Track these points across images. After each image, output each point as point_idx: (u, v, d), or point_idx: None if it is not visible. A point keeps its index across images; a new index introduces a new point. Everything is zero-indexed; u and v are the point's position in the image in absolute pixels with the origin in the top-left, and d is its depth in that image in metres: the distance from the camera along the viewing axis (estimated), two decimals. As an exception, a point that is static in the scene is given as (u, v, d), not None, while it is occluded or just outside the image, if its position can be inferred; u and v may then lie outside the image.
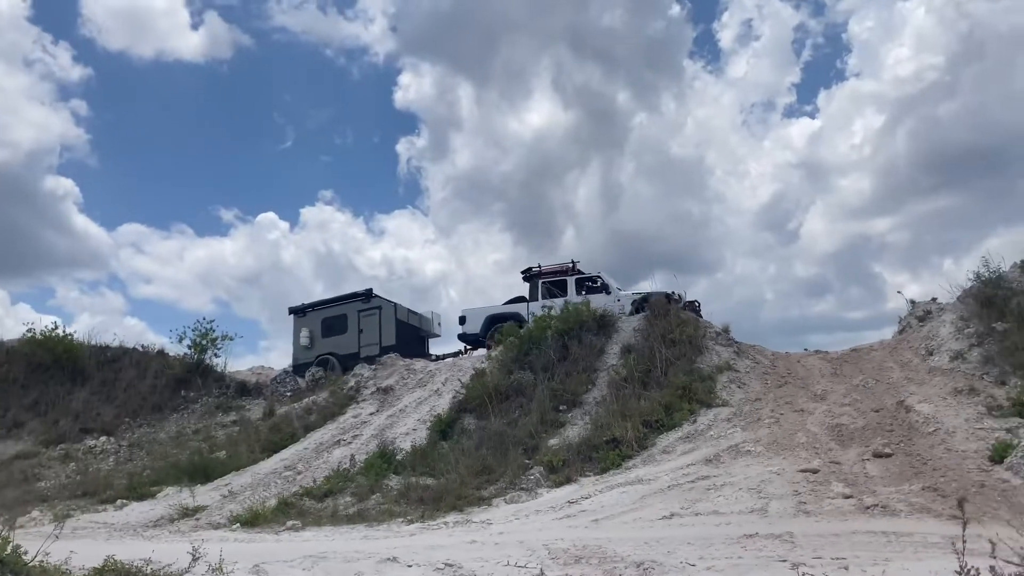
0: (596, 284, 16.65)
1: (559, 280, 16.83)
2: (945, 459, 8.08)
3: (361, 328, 18.10)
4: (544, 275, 17.04)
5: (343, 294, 19.13)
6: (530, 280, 17.18)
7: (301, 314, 18.91)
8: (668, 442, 10.60)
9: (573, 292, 16.38)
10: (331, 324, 18.46)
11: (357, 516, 9.43)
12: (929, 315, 13.99)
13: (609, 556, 5.71)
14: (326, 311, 18.75)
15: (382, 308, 18.20)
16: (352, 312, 18.34)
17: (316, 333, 18.44)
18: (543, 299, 16.33)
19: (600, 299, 15.74)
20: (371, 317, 18.11)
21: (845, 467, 8.25)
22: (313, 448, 13.05)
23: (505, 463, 10.71)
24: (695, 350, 13.40)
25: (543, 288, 16.74)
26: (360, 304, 18.32)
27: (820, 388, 11.88)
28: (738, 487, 7.72)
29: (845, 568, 4.60)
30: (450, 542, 7.04)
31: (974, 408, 9.46)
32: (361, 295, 18.46)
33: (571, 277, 16.80)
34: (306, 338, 18.39)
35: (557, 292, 16.48)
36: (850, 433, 9.50)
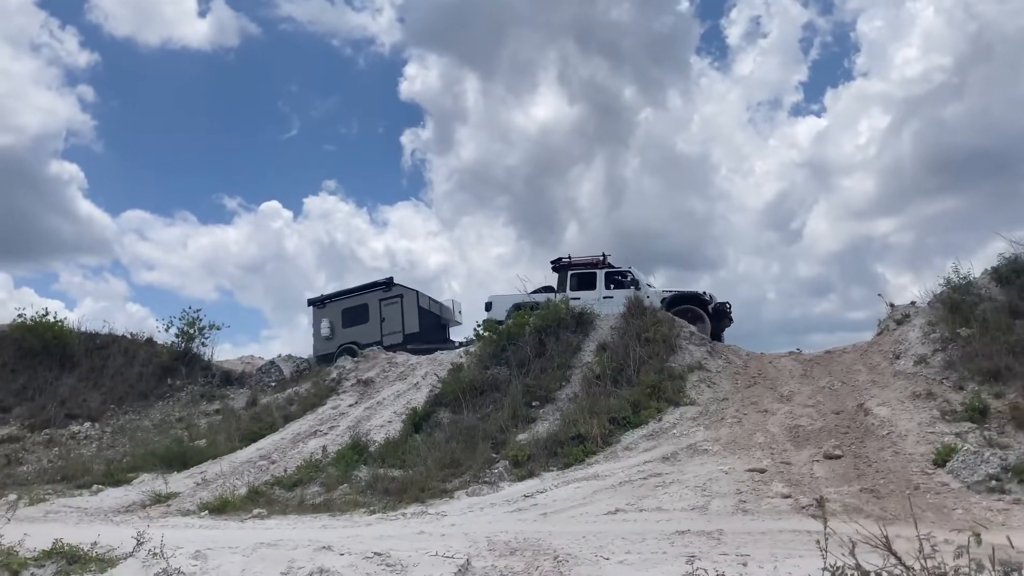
0: (626, 279, 16.42)
1: (588, 273, 16.61)
2: (891, 462, 8.27)
3: (383, 317, 18.11)
4: (574, 266, 16.79)
5: (363, 284, 19.10)
6: (559, 271, 16.95)
7: (320, 305, 18.95)
8: (632, 439, 10.80)
9: (602, 286, 16.26)
10: (352, 314, 18.45)
11: (323, 506, 9.67)
12: (907, 318, 14.11)
13: (543, 549, 5.92)
14: (346, 301, 18.76)
15: (403, 296, 18.19)
16: (373, 301, 18.33)
17: (336, 323, 18.44)
18: (571, 291, 16.18)
19: (628, 295, 15.53)
20: (393, 305, 18.11)
21: (794, 467, 8.44)
22: (290, 438, 13.29)
23: (473, 457, 10.92)
24: (668, 349, 13.57)
25: (572, 279, 16.54)
26: (381, 293, 18.31)
27: (787, 389, 12.06)
28: (685, 485, 7.93)
29: (744, 564, 4.80)
30: (400, 532, 7.27)
31: (928, 412, 9.64)
32: (382, 284, 18.45)
33: (601, 270, 16.58)
34: (327, 329, 18.41)
35: (586, 285, 16.32)
36: (807, 434, 9.69)
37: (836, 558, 3.64)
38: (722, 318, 16.03)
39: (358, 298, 18.62)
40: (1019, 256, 12.44)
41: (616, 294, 15.86)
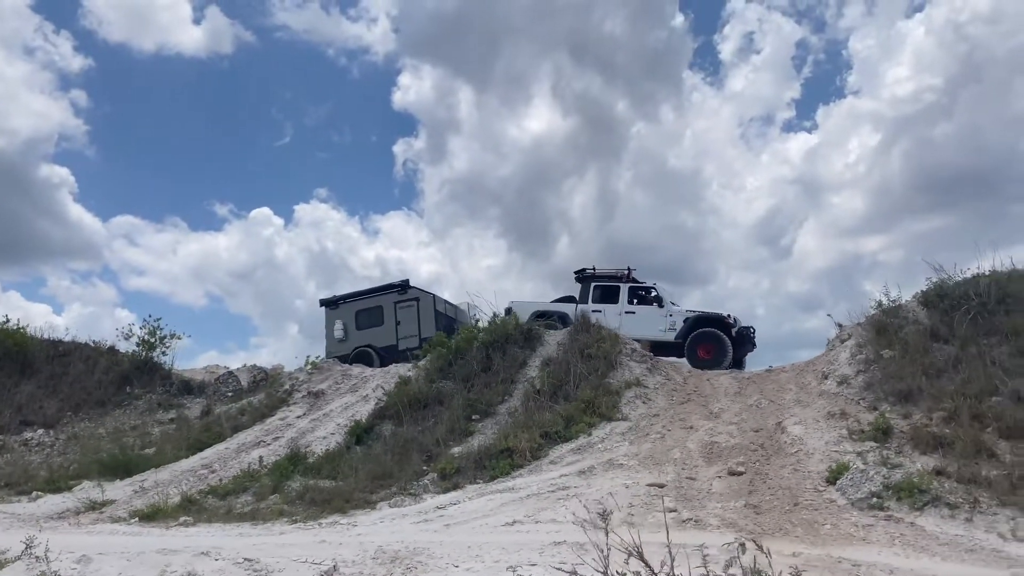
0: (649, 295, 16.35)
1: (612, 286, 16.49)
2: (788, 479, 8.59)
3: (398, 320, 17.92)
4: (598, 278, 16.70)
5: (377, 286, 18.96)
6: (583, 281, 16.83)
7: (333, 306, 18.71)
8: (559, 454, 11.09)
9: (625, 300, 16.17)
10: (366, 316, 18.28)
11: (248, 515, 9.91)
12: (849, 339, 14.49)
13: (421, 558, 6.21)
14: (360, 303, 18.57)
15: (420, 299, 18.02)
16: (388, 304, 18.16)
17: (350, 325, 18.25)
18: (593, 302, 16.17)
19: (651, 311, 15.73)
20: (408, 309, 17.95)
21: (696, 483, 8.75)
22: (235, 448, 13.53)
23: (404, 469, 11.20)
24: (608, 365, 13.90)
25: (595, 292, 16.45)
26: (396, 296, 18.16)
27: (718, 407, 12.39)
28: (585, 498, 8.21)
29: (573, 572, 5.08)
30: (303, 540, 7.53)
31: (838, 432, 9.96)
32: (397, 286, 18.27)
33: (625, 284, 16.44)
34: (340, 331, 18.22)
35: (609, 298, 16.26)
36: (720, 451, 10.00)
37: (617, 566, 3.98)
38: (745, 343, 15.85)
39: (373, 300, 18.42)
40: (944, 281, 12.81)
41: (639, 310, 15.89)
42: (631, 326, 15.57)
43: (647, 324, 15.73)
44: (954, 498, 7.53)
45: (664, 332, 15.61)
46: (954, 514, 7.30)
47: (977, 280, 12.35)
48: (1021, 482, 7.81)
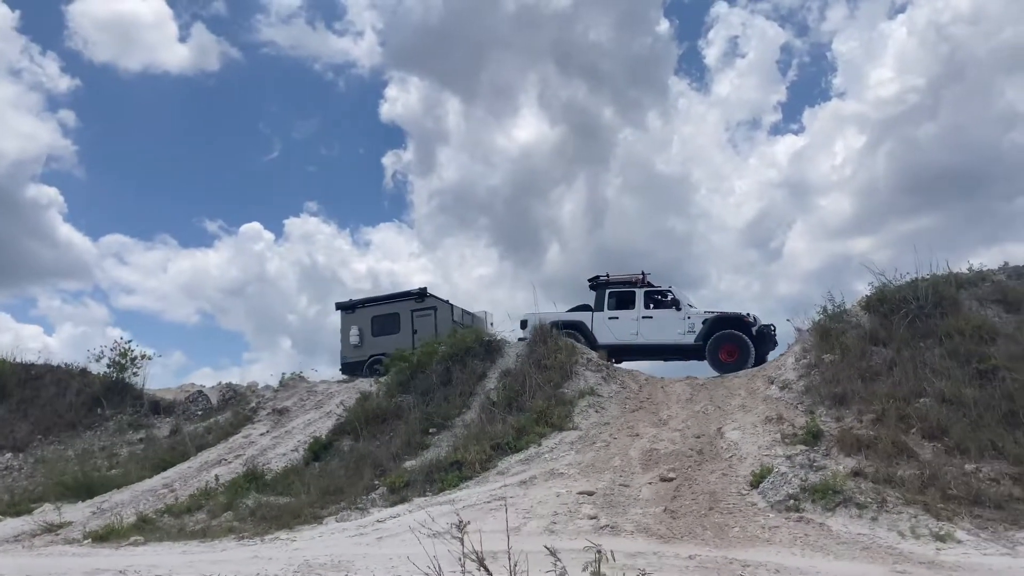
0: (665, 298, 16.10)
1: (627, 292, 16.23)
2: (714, 484, 8.87)
3: (415, 328, 17.61)
4: (611, 284, 16.44)
5: (394, 292, 18.79)
6: (597, 289, 16.60)
7: (350, 310, 18.40)
8: (507, 465, 11.33)
9: (641, 305, 15.93)
10: (382, 322, 17.99)
11: (199, 533, 10.13)
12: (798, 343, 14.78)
13: (341, 570, 6.46)
14: (376, 309, 18.31)
15: (437, 308, 17.80)
16: (405, 311, 17.89)
17: (366, 332, 17.99)
18: (609, 309, 16.04)
19: (668, 315, 15.52)
20: (426, 317, 17.70)
21: (628, 490, 9.02)
22: (197, 467, 13.74)
23: (356, 484, 11.43)
24: (564, 376, 14.16)
25: (610, 298, 16.24)
26: (413, 303, 17.91)
27: (667, 413, 12.66)
28: (517, 508, 8.49)
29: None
30: (238, 557, 7.77)
31: (772, 436, 10.26)
32: (415, 294, 18.02)
33: (640, 289, 16.20)
34: (355, 336, 17.96)
35: (624, 303, 16.10)
36: (659, 457, 10.28)
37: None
38: (766, 341, 15.52)
39: (389, 306, 18.18)
40: (885, 286, 13.13)
41: (656, 314, 15.69)
42: (649, 331, 15.42)
43: (665, 328, 15.48)
44: (864, 498, 7.83)
45: (683, 335, 15.32)
46: (862, 514, 7.60)
47: (916, 284, 12.66)
48: (931, 481, 8.13)
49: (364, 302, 18.62)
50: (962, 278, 12.88)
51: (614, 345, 15.79)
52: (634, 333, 15.56)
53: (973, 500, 7.64)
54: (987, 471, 8.36)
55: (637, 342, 15.76)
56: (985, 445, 8.87)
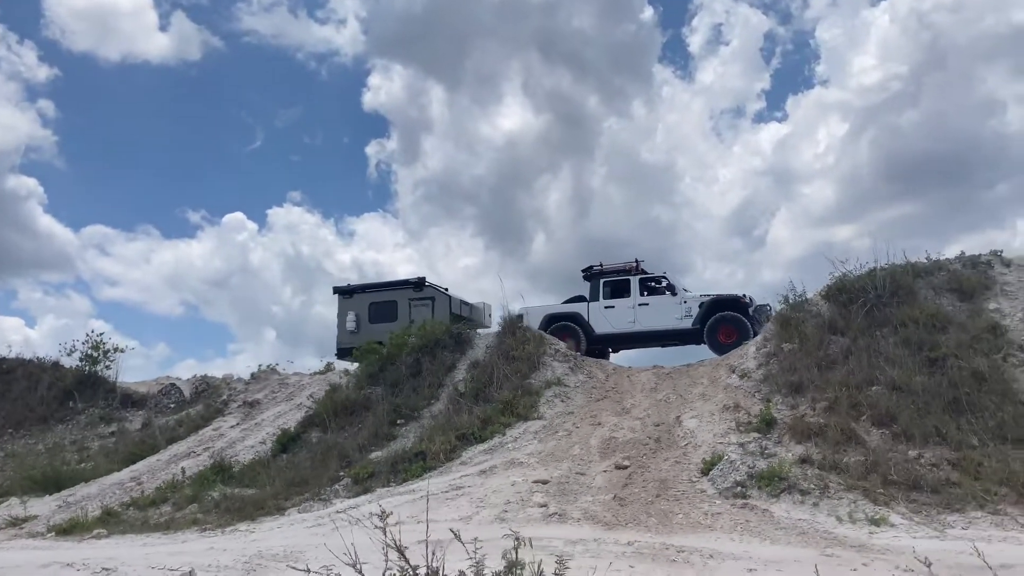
0: (661, 284, 16.21)
1: (622, 280, 16.25)
2: (667, 471, 9.06)
3: (412, 318, 17.35)
4: (606, 274, 16.47)
5: (393, 280, 18.62)
6: (591, 279, 16.60)
7: (347, 296, 18.19)
8: (471, 455, 11.48)
9: (637, 292, 15.96)
10: (380, 309, 17.80)
11: (163, 525, 10.23)
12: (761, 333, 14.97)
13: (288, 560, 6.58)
14: (374, 295, 18.11)
15: (435, 299, 17.61)
16: (403, 299, 17.71)
17: (363, 318, 17.76)
18: (604, 299, 16.05)
19: (664, 300, 15.59)
20: (423, 307, 17.51)
21: (584, 478, 9.20)
22: (166, 460, 13.81)
23: (322, 475, 11.55)
24: (531, 366, 14.31)
25: (605, 288, 16.25)
26: (411, 292, 17.75)
27: (631, 402, 12.85)
28: (472, 497, 8.65)
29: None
30: (195, 548, 7.88)
31: (727, 424, 10.47)
32: (413, 282, 17.89)
33: (634, 277, 16.18)
34: (352, 322, 17.71)
35: (620, 292, 16.12)
36: (617, 446, 10.46)
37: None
38: (763, 321, 15.50)
39: (387, 293, 17.99)
40: (845, 276, 13.35)
41: (652, 301, 15.76)
42: (646, 318, 15.45)
43: (662, 314, 15.51)
44: (807, 485, 8.05)
45: (680, 320, 15.29)
46: (804, 500, 7.82)
47: (874, 274, 12.88)
48: (874, 467, 8.36)
49: (362, 288, 18.43)
50: (919, 267, 13.11)
51: (611, 334, 15.94)
52: (631, 321, 15.62)
53: (911, 485, 7.87)
54: (929, 457, 8.59)
55: (634, 330, 15.82)
56: (930, 431, 9.11)
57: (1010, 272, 12.77)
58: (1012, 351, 10.58)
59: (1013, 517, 6.99)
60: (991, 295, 12.27)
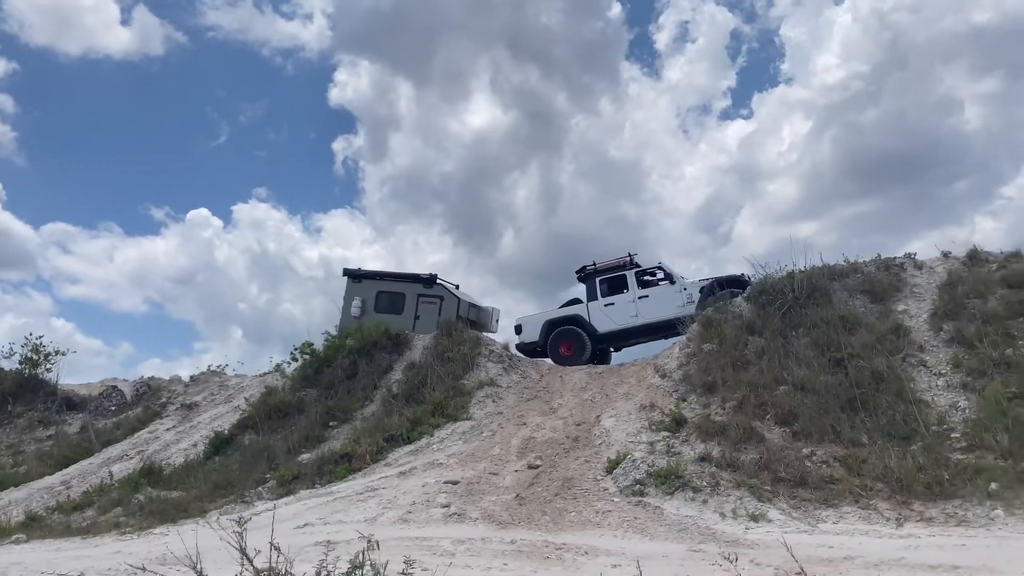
0: (655, 276, 16.15)
1: (617, 276, 16.15)
2: (574, 470, 9.37)
3: (418, 314, 17.07)
4: (600, 272, 16.38)
5: (405, 272, 18.13)
6: (586, 279, 16.52)
7: (356, 279, 17.69)
8: (397, 456, 11.69)
9: (635, 286, 15.85)
10: (387, 299, 17.39)
11: (84, 529, 10.28)
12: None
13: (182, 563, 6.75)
14: (383, 283, 17.66)
15: (444, 299, 17.19)
16: (411, 293, 17.30)
17: (369, 304, 17.29)
18: (603, 296, 15.95)
19: (664, 290, 15.50)
20: (431, 305, 17.13)
21: (495, 478, 9.47)
22: (99, 463, 13.81)
23: (249, 478, 11.67)
24: (465, 367, 14.56)
25: (601, 286, 16.14)
26: (421, 288, 17.33)
27: (559, 402, 13.16)
28: (383, 498, 8.87)
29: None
30: (102, 552, 8.01)
31: (641, 423, 10.81)
32: (424, 278, 17.46)
33: (630, 271, 16.08)
34: (357, 308, 17.24)
35: (617, 288, 16.01)
36: (535, 446, 10.75)
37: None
38: None
39: (397, 285, 17.58)
40: (767, 278, 13.79)
41: (652, 292, 15.69)
42: (649, 310, 15.36)
43: (664, 304, 15.32)
44: (700, 482, 8.41)
45: (683, 307, 15.05)
46: (696, 497, 8.18)
47: (792, 276, 13.33)
48: (766, 464, 8.74)
49: (373, 275, 17.97)
50: (836, 270, 13.60)
51: (615, 331, 15.88)
52: (633, 315, 15.59)
53: (798, 482, 8.26)
54: (821, 454, 9.01)
55: (638, 323, 15.73)
56: (826, 430, 9.54)
57: (921, 274, 13.30)
58: (912, 351, 11.06)
59: (880, 511, 7.40)
60: (901, 297, 12.78)
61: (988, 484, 7.49)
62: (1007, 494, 7.34)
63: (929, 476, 7.78)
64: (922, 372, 10.61)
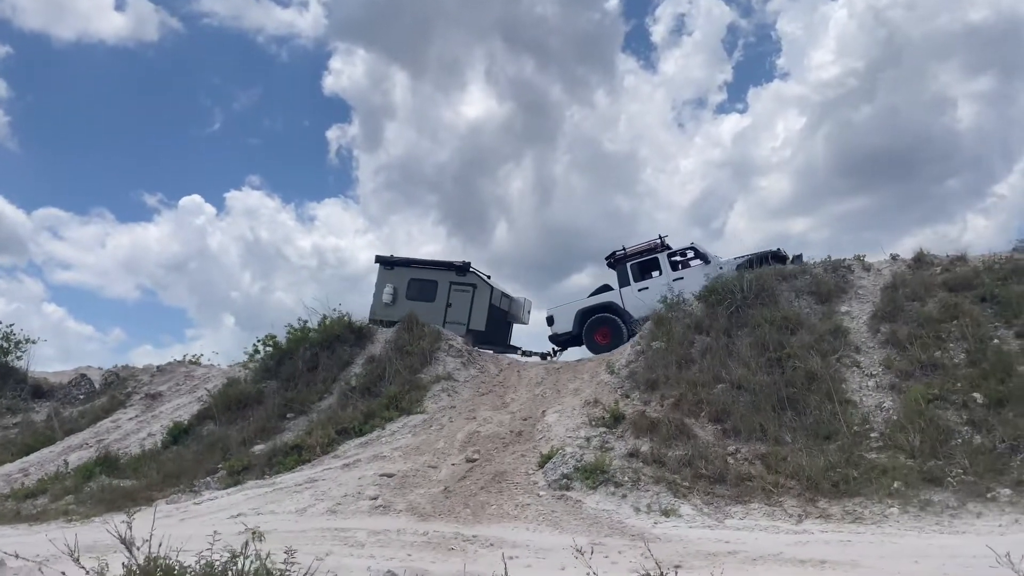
0: (687, 256, 16.01)
1: (650, 259, 16.09)
2: (508, 464, 9.64)
3: (450, 302, 17.02)
4: (631, 257, 16.30)
5: (438, 260, 18.07)
6: (617, 265, 16.40)
7: (389, 267, 17.71)
8: (346, 448, 11.94)
9: (668, 269, 15.74)
10: (419, 287, 17.35)
11: (33, 516, 10.54)
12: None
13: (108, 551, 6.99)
14: (416, 271, 17.62)
15: (477, 287, 17.14)
16: (444, 281, 17.25)
17: (400, 292, 17.30)
18: (636, 282, 15.89)
19: (699, 271, 15.20)
20: (463, 293, 17.10)
21: (433, 471, 9.73)
22: (59, 452, 14.03)
23: (201, 467, 11.92)
24: (424, 361, 14.81)
25: (633, 270, 16.04)
26: (454, 276, 17.25)
27: (511, 397, 13.43)
28: (319, 490, 9.13)
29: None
30: (38, 539, 8.22)
31: (582, 419, 11.07)
32: (457, 266, 17.37)
33: (662, 253, 16.00)
34: (389, 295, 17.24)
35: (649, 272, 15.95)
36: (478, 440, 11.01)
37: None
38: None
39: (429, 272, 17.51)
40: (719, 278, 14.05)
41: (687, 273, 15.45)
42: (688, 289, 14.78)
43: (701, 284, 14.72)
44: (623, 477, 8.68)
45: None
46: (616, 491, 8.45)
47: (742, 277, 13.59)
48: (690, 461, 9.02)
49: (405, 262, 17.94)
50: (785, 271, 13.87)
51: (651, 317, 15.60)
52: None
53: (716, 479, 8.55)
54: (744, 452, 9.30)
55: None
56: (755, 428, 9.83)
57: (868, 276, 13.59)
58: (848, 352, 11.35)
59: (786, 508, 7.69)
60: (847, 298, 13.06)
61: (892, 483, 7.78)
62: (908, 493, 7.64)
63: (838, 475, 8.07)
64: (855, 373, 10.89)
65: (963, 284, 12.32)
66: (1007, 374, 9.61)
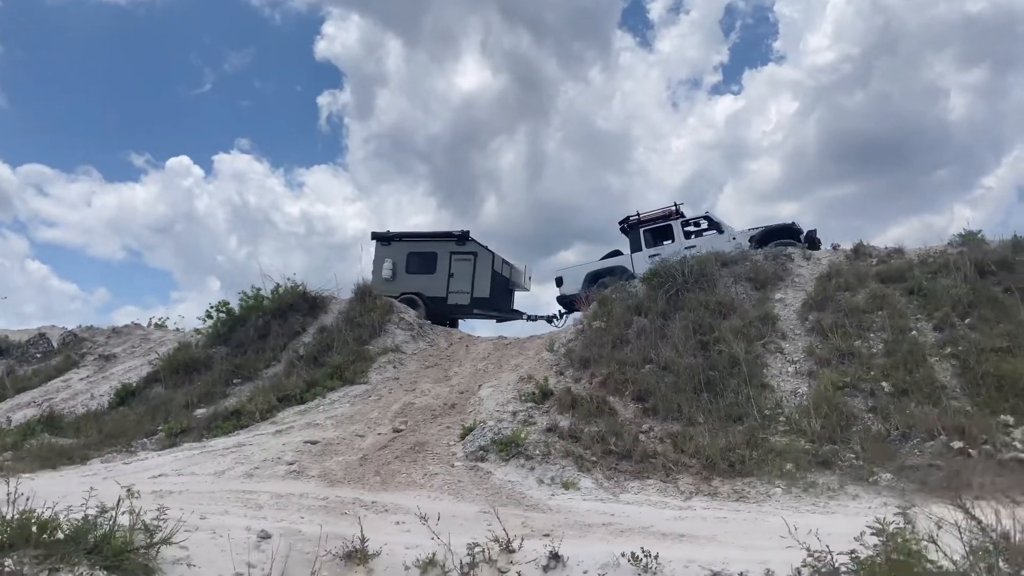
0: (700, 225, 15.93)
1: (663, 226, 16.13)
2: (432, 435, 9.93)
3: (452, 272, 17.06)
4: (644, 223, 16.34)
5: (435, 230, 18.05)
6: (630, 230, 16.40)
7: (385, 242, 17.71)
8: (284, 416, 12.18)
9: (681, 236, 15.75)
10: (418, 260, 17.39)
11: (-31, 471, 10.73)
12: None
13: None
14: (414, 244, 17.63)
15: (478, 255, 17.16)
16: (443, 252, 17.25)
17: (400, 266, 17.34)
18: (648, 247, 15.87)
19: (712, 240, 15.23)
20: (465, 262, 17.11)
21: (359, 440, 10.01)
22: (7, 409, 14.24)
23: (141, 429, 12.16)
24: (373, 332, 15.07)
25: (646, 236, 16.06)
26: (453, 245, 17.26)
27: (454, 371, 13.72)
28: (242, 454, 9.39)
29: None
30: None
31: (513, 394, 11.37)
32: (456, 235, 17.33)
33: (676, 221, 15.99)
34: (388, 270, 17.28)
35: (662, 239, 15.98)
36: (411, 411, 11.30)
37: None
38: (815, 246, 15.20)
39: (427, 244, 17.50)
40: (663, 261, 14.33)
41: (699, 242, 15.33)
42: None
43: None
44: (534, 451, 8.98)
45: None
46: (526, 464, 8.76)
47: (684, 261, 13.87)
48: (602, 438, 9.33)
49: (402, 236, 17.90)
50: (726, 257, 14.15)
51: None
52: None
53: (623, 455, 8.87)
54: (658, 430, 9.62)
55: None
56: (673, 408, 10.14)
57: (807, 266, 13.90)
58: (774, 338, 11.67)
59: (679, 486, 8.03)
60: (783, 286, 13.37)
61: (785, 465, 8.12)
62: (798, 475, 7.99)
63: (736, 455, 8.40)
64: (778, 359, 11.22)
65: (895, 276, 12.65)
66: (916, 365, 9.97)
